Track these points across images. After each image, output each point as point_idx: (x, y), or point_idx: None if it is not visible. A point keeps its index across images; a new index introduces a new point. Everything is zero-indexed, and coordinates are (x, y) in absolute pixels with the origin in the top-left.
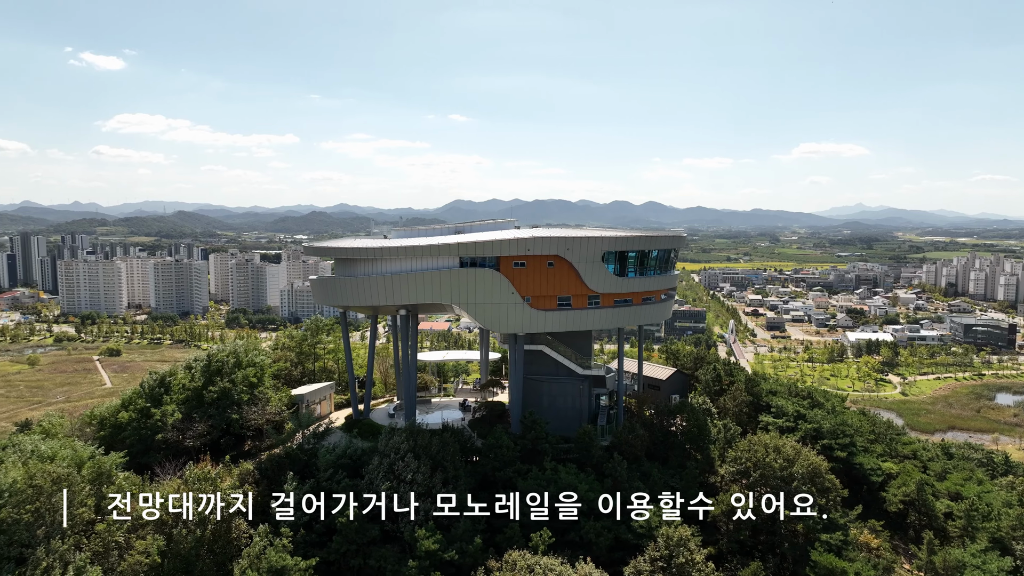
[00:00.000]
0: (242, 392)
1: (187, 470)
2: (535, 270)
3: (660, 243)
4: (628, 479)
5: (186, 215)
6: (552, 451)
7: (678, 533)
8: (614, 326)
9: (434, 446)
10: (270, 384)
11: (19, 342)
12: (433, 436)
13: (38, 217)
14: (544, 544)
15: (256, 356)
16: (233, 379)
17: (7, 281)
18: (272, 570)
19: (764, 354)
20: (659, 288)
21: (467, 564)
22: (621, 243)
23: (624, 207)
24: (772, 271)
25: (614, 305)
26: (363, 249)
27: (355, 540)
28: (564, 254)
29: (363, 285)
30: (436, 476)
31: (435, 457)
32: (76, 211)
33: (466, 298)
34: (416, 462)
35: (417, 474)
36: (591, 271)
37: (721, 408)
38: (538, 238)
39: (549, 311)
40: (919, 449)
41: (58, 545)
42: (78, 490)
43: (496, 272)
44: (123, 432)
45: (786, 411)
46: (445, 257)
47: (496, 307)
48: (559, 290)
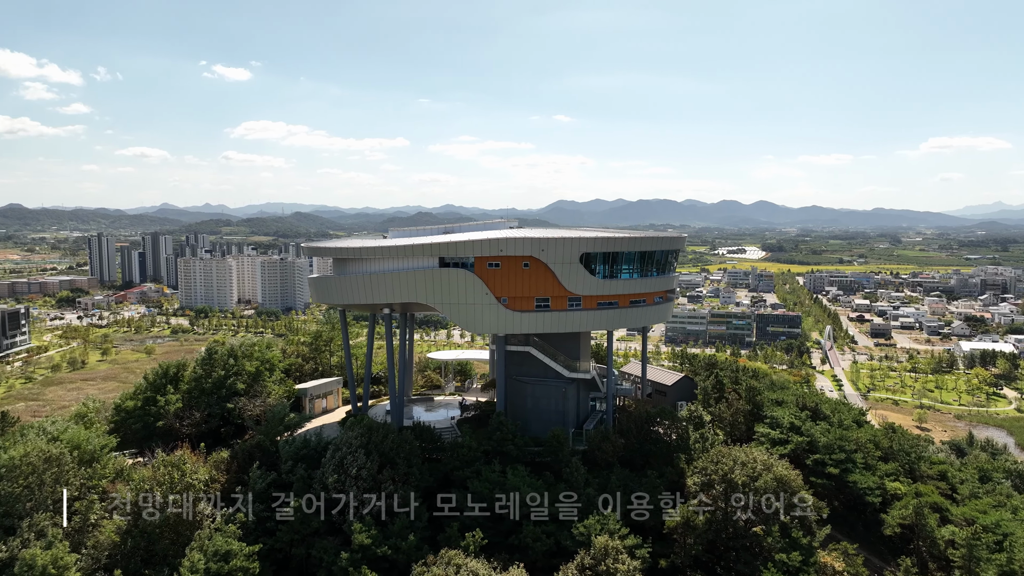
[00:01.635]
0: (239, 384)
1: (157, 456)
2: (510, 271)
3: (647, 244)
4: (585, 485)
5: (302, 216)
6: (519, 453)
7: (606, 542)
8: (598, 329)
9: (388, 443)
10: (279, 377)
11: (141, 332)
12: (388, 433)
13: (174, 218)
14: (476, 545)
15: (260, 351)
16: (232, 371)
17: (138, 277)
18: (217, 554)
19: (862, 362)
20: (650, 290)
21: (402, 560)
22: (601, 244)
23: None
24: (887, 274)
25: (597, 308)
26: (348, 249)
27: (299, 531)
28: (539, 255)
29: (351, 284)
30: (385, 472)
31: (387, 454)
32: (207, 212)
33: (442, 298)
34: (365, 457)
35: (363, 469)
36: (568, 272)
37: (718, 417)
38: (511, 239)
39: (526, 312)
40: (949, 470)
41: (39, 519)
42: (66, 469)
43: (470, 272)
44: (129, 419)
45: (781, 422)
46: (425, 258)
47: (471, 307)
48: (536, 291)
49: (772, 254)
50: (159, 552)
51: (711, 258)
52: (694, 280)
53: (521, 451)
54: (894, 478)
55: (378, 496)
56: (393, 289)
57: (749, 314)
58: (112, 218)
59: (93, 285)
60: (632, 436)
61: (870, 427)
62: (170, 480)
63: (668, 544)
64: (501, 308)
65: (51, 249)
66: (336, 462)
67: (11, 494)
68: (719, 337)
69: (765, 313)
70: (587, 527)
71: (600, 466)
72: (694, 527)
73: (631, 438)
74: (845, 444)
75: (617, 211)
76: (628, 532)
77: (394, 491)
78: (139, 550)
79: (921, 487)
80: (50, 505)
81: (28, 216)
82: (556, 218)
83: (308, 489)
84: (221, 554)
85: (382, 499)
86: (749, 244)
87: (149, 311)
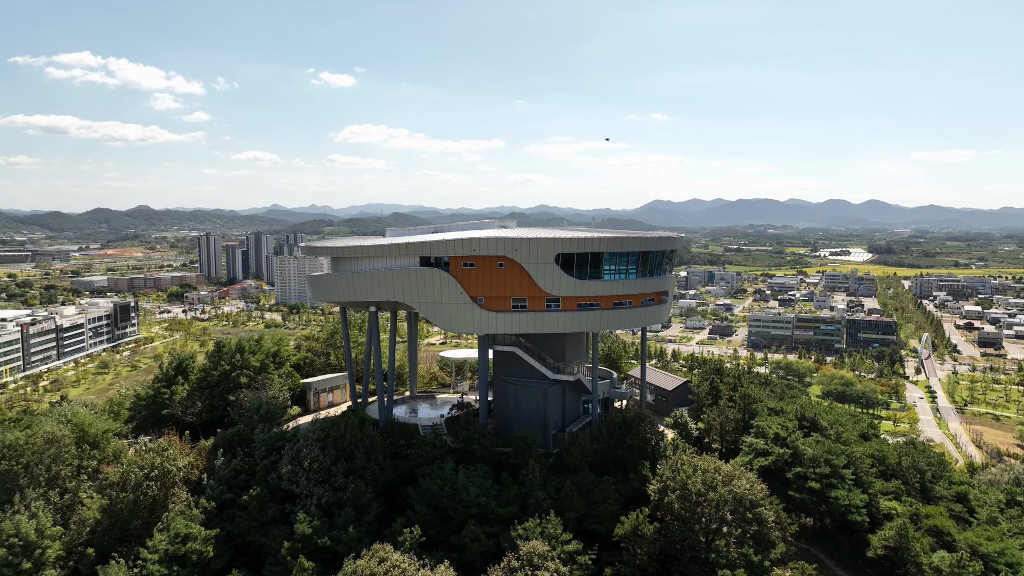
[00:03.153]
0: (242, 378)
1: (139, 441)
2: (484, 271)
3: (630, 245)
4: (542, 488)
5: (400, 216)
6: (484, 453)
7: (533, 546)
8: (578, 330)
9: (347, 437)
10: (287, 370)
11: (238, 326)
12: (348, 428)
13: (281, 218)
14: (412, 542)
15: (270, 345)
16: (237, 365)
17: (241, 274)
18: (178, 536)
19: (963, 373)
20: (637, 292)
21: (342, 552)
22: (577, 245)
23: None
24: (1007, 279)
25: (577, 309)
26: (338, 248)
27: (256, 518)
28: (512, 255)
29: (342, 282)
30: (338, 465)
31: (346, 448)
32: (312, 212)
33: (420, 297)
34: (319, 450)
35: (315, 462)
36: (543, 273)
37: (708, 425)
38: (484, 239)
39: (502, 312)
40: (970, 492)
41: (30, 494)
42: (64, 450)
43: (444, 272)
44: (143, 407)
45: (766, 432)
46: (407, 257)
47: (447, 307)
48: (511, 291)
49: (879, 256)
50: (133, 531)
51: (811, 260)
52: (788, 283)
53: (488, 451)
54: (893, 497)
55: (329, 488)
56: (377, 287)
57: (839, 319)
58: (226, 218)
59: (200, 281)
60: (603, 441)
61: (879, 442)
62: (150, 464)
63: (618, 552)
64: (476, 308)
65: (169, 247)
66: (292, 454)
67: (10, 471)
68: (805, 343)
69: (857, 318)
70: (526, 530)
71: (569, 470)
72: (642, 536)
73: (602, 443)
74: (834, 458)
75: (715, 211)
76: (572, 537)
77: (345, 484)
78: (115, 529)
79: (928, 508)
80: (43, 483)
81: (153, 217)
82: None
83: (268, 479)
84: (181, 536)
85: (332, 492)
86: (855, 246)
87: (247, 306)
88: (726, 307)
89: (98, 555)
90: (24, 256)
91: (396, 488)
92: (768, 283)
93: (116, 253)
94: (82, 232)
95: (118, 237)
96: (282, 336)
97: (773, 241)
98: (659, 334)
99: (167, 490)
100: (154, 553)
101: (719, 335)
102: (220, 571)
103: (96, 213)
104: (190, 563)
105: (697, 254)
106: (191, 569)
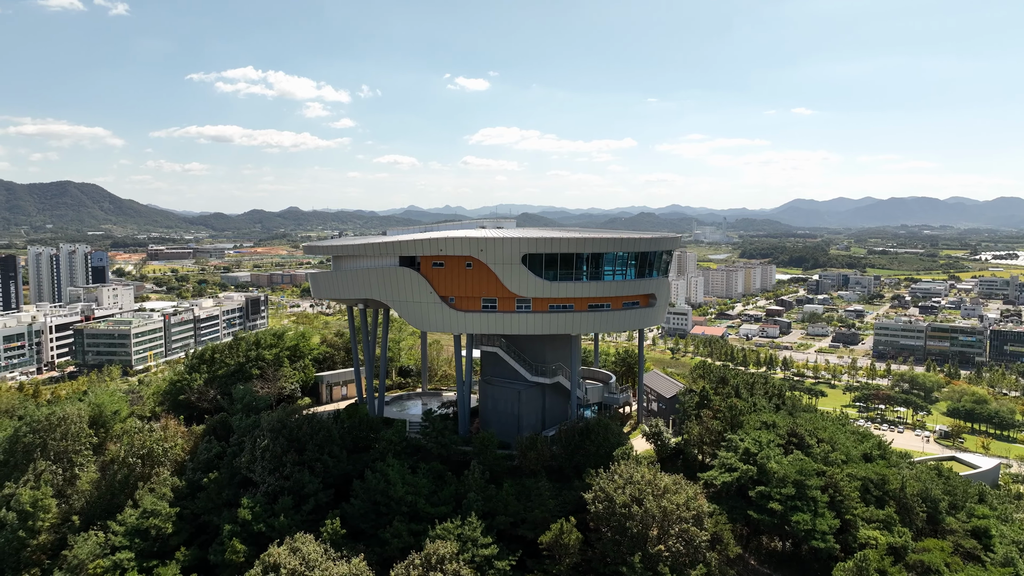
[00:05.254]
0: (254, 369)
1: (128, 422)
2: (453, 271)
3: (603, 246)
4: (484, 490)
5: (528, 217)
6: (440, 451)
7: (437, 547)
8: (550, 332)
9: (302, 429)
10: (305, 364)
11: None
12: (304, 420)
13: (416, 219)
14: (331, 534)
15: (290, 340)
16: (251, 358)
17: None
18: (145, 512)
19: None
20: (617, 295)
21: (275, 537)
22: (544, 245)
23: (1011, 204)
24: None
25: (548, 310)
26: (330, 247)
27: (213, 500)
28: (478, 255)
29: (334, 280)
30: (289, 455)
31: (300, 439)
32: (445, 213)
33: (395, 296)
34: (270, 440)
35: (266, 451)
36: (510, 273)
37: (689, 436)
38: (450, 239)
39: (472, 312)
40: (991, 526)
41: (41, 466)
42: (73, 428)
43: (415, 272)
44: (167, 393)
45: (737, 447)
46: (387, 257)
47: (418, 305)
48: (479, 292)
49: None
50: (119, 504)
51: (968, 264)
52: (933, 288)
53: (447, 449)
54: (881, 525)
55: (279, 476)
56: (360, 286)
57: (980, 329)
58: (366, 219)
59: None
60: (561, 444)
61: (881, 465)
62: (140, 444)
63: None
64: (446, 308)
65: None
66: (252, 442)
67: (32, 444)
68: (940, 354)
69: (1003, 329)
70: (445, 530)
71: (526, 474)
72: (564, 545)
73: (562, 447)
74: (805, 478)
75: (863, 210)
76: (492, 541)
77: (291, 473)
78: (103, 501)
79: (928, 542)
80: (53, 456)
81: (301, 218)
82: (790, 218)
83: (232, 464)
84: (148, 512)
85: (280, 480)
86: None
87: None
88: (856, 313)
89: (84, 524)
90: (187, 253)
91: (352, 480)
92: (911, 288)
93: (264, 251)
94: (239, 231)
95: (269, 236)
96: (305, 331)
97: (926, 243)
98: (775, 340)
99: (151, 469)
100: (121, 526)
101: (842, 343)
102: (177, 547)
103: (252, 214)
104: (150, 537)
105: (835, 256)
106: (151, 543)
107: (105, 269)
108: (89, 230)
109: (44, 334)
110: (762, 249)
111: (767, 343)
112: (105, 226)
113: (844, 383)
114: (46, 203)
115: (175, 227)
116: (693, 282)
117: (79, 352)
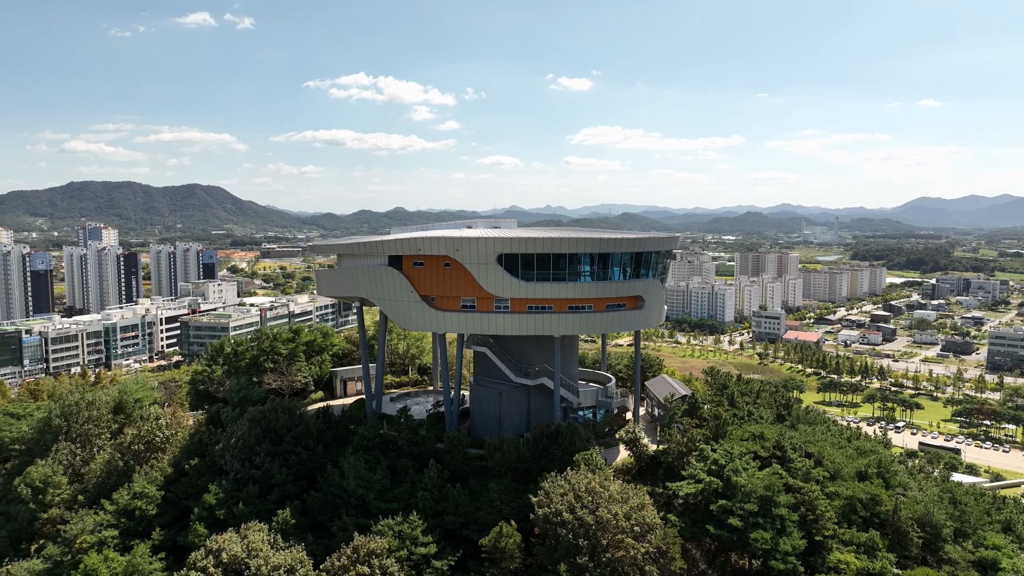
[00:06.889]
0: (268, 363)
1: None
2: (433, 270)
3: (581, 246)
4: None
5: (629, 216)
6: (411, 449)
7: (363, 542)
8: (531, 333)
9: (280, 421)
10: (324, 359)
11: None
12: (282, 413)
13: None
14: (281, 524)
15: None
16: (265, 350)
17: None
18: (135, 493)
19: None
20: (596, 296)
21: (234, 523)
22: (519, 245)
23: None
24: None
25: (527, 311)
26: (327, 246)
27: (193, 485)
28: (455, 255)
29: (334, 278)
30: (262, 445)
31: (277, 431)
32: (546, 213)
33: (380, 294)
34: (246, 430)
35: (240, 440)
36: (485, 273)
37: (668, 445)
38: (428, 238)
39: (451, 312)
40: (1001, 559)
41: (63, 447)
42: (95, 413)
43: (396, 271)
44: (191, 383)
45: (707, 458)
46: (376, 256)
47: (400, 304)
48: (459, 292)
49: None
50: (120, 486)
51: None
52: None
53: (418, 447)
54: (862, 549)
55: (249, 465)
56: (353, 284)
57: None
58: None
59: None
60: (530, 447)
61: (876, 484)
62: (146, 431)
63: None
64: (427, 307)
65: None
66: (230, 432)
67: (60, 427)
68: None
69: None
70: (386, 526)
71: (493, 475)
72: (502, 549)
73: (529, 449)
74: (773, 495)
75: (997, 209)
76: (432, 540)
77: (261, 463)
78: (109, 482)
79: (918, 571)
80: (75, 438)
81: (406, 217)
82: (913, 218)
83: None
84: (137, 493)
85: (249, 469)
86: None
87: None
88: (974, 320)
89: (89, 502)
90: (296, 251)
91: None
92: None
93: None
94: (348, 231)
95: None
96: (327, 329)
97: None
98: (876, 348)
99: (152, 454)
100: (113, 505)
101: (952, 352)
102: (159, 528)
103: (360, 214)
104: (135, 518)
105: (959, 259)
106: (136, 523)
107: (215, 266)
108: (213, 229)
109: (155, 325)
110: (876, 251)
111: (867, 350)
112: (227, 226)
113: (947, 395)
114: (177, 204)
115: (289, 227)
116: (791, 284)
117: (184, 342)
